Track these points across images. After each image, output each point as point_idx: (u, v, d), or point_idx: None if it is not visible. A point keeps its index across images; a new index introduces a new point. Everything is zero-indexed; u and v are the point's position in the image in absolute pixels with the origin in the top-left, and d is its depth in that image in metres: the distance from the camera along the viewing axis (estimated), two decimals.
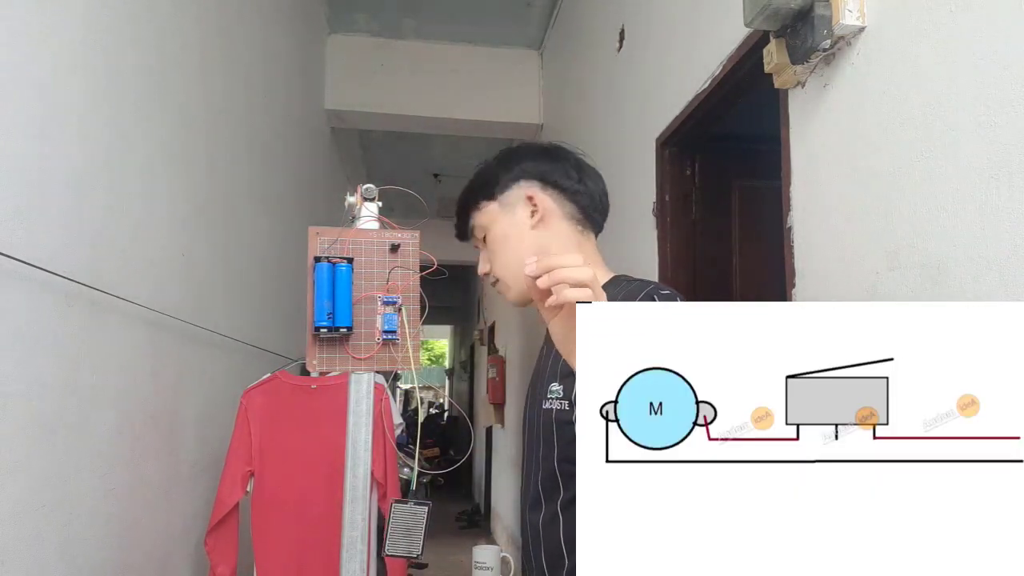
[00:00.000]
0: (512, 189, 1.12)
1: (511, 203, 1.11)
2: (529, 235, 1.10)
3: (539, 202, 1.10)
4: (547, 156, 1.15)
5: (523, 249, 1.07)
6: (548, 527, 1.01)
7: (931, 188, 1.13)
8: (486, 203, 1.12)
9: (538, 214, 1.10)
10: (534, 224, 1.10)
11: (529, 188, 1.11)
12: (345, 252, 0.86)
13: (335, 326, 0.83)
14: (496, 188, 1.12)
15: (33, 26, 1.28)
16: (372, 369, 0.86)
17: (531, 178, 1.12)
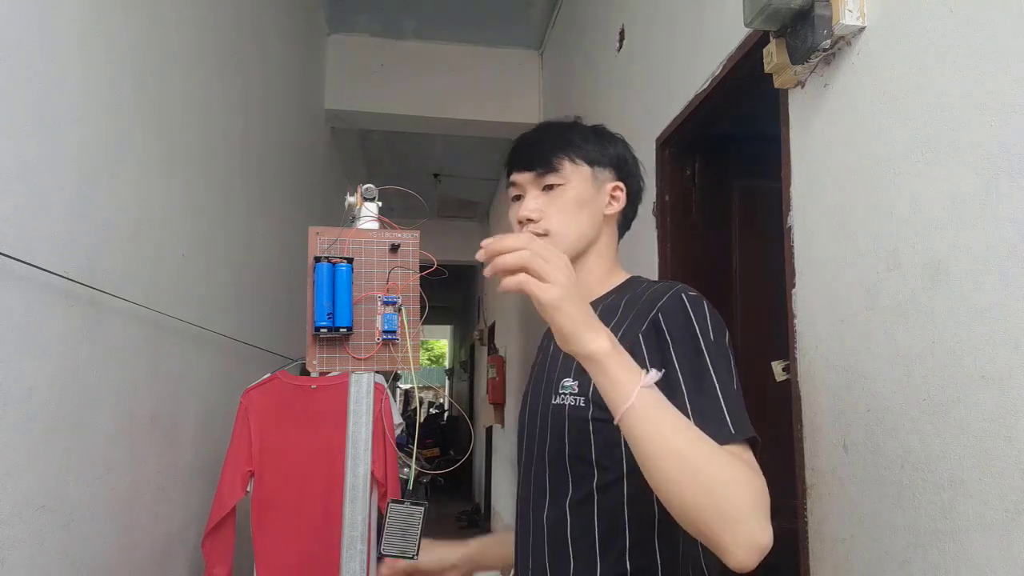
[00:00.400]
0: (607, 169, 1.10)
1: (600, 180, 1.09)
2: (597, 218, 1.08)
3: (620, 199, 1.11)
4: (634, 160, 1.15)
5: (581, 223, 1.06)
6: (555, 525, 0.99)
7: (931, 188, 1.13)
8: (582, 162, 1.08)
9: (613, 207, 1.10)
10: (607, 213, 1.10)
11: (617, 180, 1.11)
12: (345, 252, 0.86)
13: (335, 326, 0.83)
14: (598, 156, 1.09)
15: (32, 26, 1.28)
16: (372, 369, 0.86)
17: (620, 171, 1.12)
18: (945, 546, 1.08)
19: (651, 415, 0.77)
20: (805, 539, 1.45)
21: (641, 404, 0.77)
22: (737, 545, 0.75)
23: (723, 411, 0.87)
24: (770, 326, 1.67)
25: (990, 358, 1.01)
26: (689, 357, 0.91)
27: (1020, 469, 0.95)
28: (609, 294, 1.07)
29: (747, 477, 0.79)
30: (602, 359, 0.78)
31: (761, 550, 0.76)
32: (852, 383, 1.31)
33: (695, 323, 0.93)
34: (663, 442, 0.77)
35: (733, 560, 0.76)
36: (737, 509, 0.76)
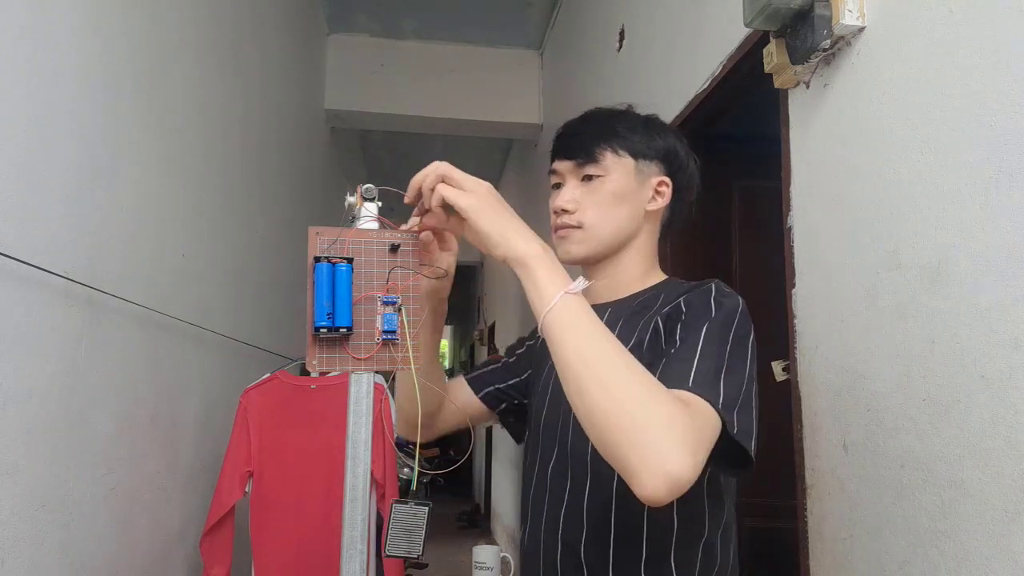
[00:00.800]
0: (653, 162, 1.04)
1: (645, 174, 1.03)
2: (638, 213, 1.03)
3: (664, 195, 1.04)
4: (690, 156, 1.08)
5: (621, 217, 1.01)
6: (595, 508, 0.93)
7: (931, 188, 1.13)
8: (625, 153, 1.02)
9: (657, 203, 1.04)
10: (650, 209, 1.04)
11: (662, 176, 1.04)
12: (345, 252, 0.86)
13: (335, 326, 0.83)
14: (644, 148, 1.03)
15: (31, 26, 1.28)
16: (372, 369, 0.86)
17: (670, 166, 1.05)
18: (945, 546, 1.08)
19: (571, 321, 0.75)
20: (805, 539, 1.45)
21: (562, 308, 0.75)
22: (644, 468, 0.68)
23: (692, 365, 0.82)
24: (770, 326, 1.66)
25: (990, 358, 1.01)
26: (692, 323, 0.88)
27: (1020, 469, 0.95)
28: (647, 290, 1.04)
29: (670, 404, 0.72)
30: (529, 261, 0.77)
31: (672, 480, 0.68)
32: (852, 383, 1.31)
33: (713, 304, 0.90)
34: (579, 349, 0.73)
35: (638, 486, 0.69)
36: (648, 429, 0.69)
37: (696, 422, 0.74)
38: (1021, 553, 0.95)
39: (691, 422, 0.73)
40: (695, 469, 0.70)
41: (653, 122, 1.07)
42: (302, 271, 0.93)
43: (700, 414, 0.77)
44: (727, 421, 0.80)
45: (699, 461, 0.71)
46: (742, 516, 2.29)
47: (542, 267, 0.77)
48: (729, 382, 0.82)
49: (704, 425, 0.76)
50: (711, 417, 0.78)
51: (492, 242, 0.79)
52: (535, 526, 1.02)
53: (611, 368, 0.73)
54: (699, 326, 0.87)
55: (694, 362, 0.82)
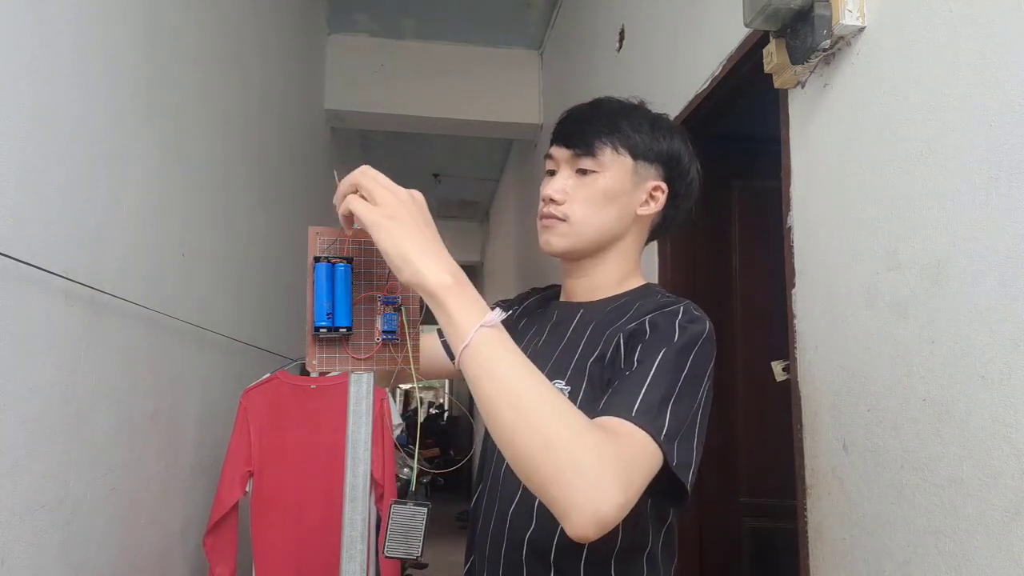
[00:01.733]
0: (652, 165, 1.00)
1: (641, 175, 0.99)
2: (627, 215, 0.99)
3: (658, 200, 1.00)
4: (694, 162, 1.05)
5: (610, 215, 0.97)
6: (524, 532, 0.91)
7: (931, 188, 1.13)
8: (625, 152, 0.98)
9: (649, 208, 1.00)
10: (640, 213, 1.00)
11: (660, 180, 1.00)
12: (345, 252, 0.86)
13: (335, 326, 0.83)
14: (645, 149, 0.99)
15: (32, 26, 1.28)
16: (372, 369, 0.86)
17: (669, 171, 1.01)
18: (945, 546, 1.08)
19: (490, 356, 0.70)
20: (805, 539, 1.45)
21: (479, 344, 0.70)
22: (573, 508, 0.66)
23: (638, 394, 0.78)
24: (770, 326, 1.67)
25: (990, 358, 1.01)
26: (651, 346, 0.85)
27: (1020, 469, 0.95)
28: (622, 295, 1.01)
29: (596, 442, 0.69)
30: (438, 292, 0.71)
31: (600, 519, 0.66)
32: (852, 383, 1.31)
33: (677, 328, 0.87)
34: (500, 385, 0.69)
35: (568, 526, 0.67)
36: (574, 470, 0.66)
37: (626, 455, 0.72)
38: (1021, 553, 0.95)
39: (620, 457, 0.70)
40: (626, 506, 0.68)
41: (661, 122, 1.02)
42: (302, 271, 0.93)
43: (633, 447, 0.74)
44: (667, 453, 0.77)
45: (630, 497, 0.69)
46: (742, 516, 2.29)
47: (453, 298, 0.71)
48: (675, 412, 0.80)
49: (637, 458, 0.73)
50: (648, 449, 0.75)
51: (394, 265, 0.72)
52: (487, 516, 1.00)
53: (534, 407, 0.69)
54: (656, 351, 0.84)
55: (641, 391, 0.79)
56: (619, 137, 0.98)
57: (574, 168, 0.99)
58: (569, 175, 0.99)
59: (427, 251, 0.72)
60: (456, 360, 0.73)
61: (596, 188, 0.97)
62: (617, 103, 1.03)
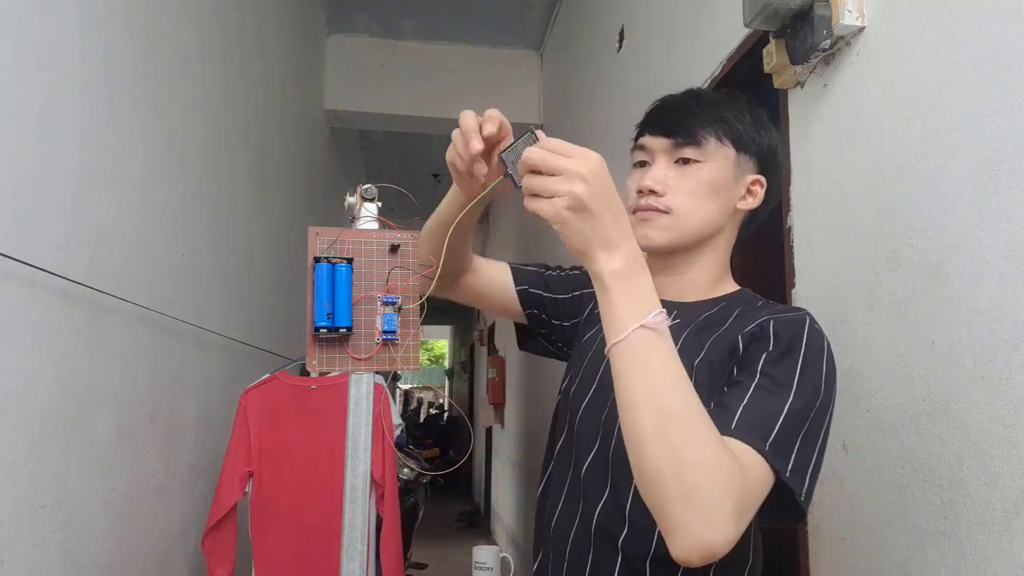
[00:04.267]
0: (752, 159, 0.95)
1: (742, 168, 0.94)
2: (728, 209, 0.94)
3: (759, 194, 0.96)
4: (782, 156, 1.02)
5: (711, 209, 0.92)
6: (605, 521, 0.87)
7: (931, 188, 1.13)
8: (729, 143, 0.93)
9: (748, 202, 0.95)
10: (740, 207, 0.95)
11: (759, 175, 0.96)
12: (345, 252, 0.86)
13: (335, 326, 0.83)
14: (748, 141, 0.94)
15: (32, 26, 1.28)
16: (372, 369, 0.86)
17: (766, 165, 0.97)
18: (945, 546, 1.08)
19: (641, 359, 0.68)
20: (805, 539, 1.45)
21: (634, 343, 0.68)
22: (685, 532, 0.65)
23: (774, 423, 0.75)
24: None
25: (990, 358, 1.01)
26: (780, 362, 0.80)
27: (1020, 469, 0.95)
28: (719, 299, 0.96)
29: (729, 467, 0.67)
30: (607, 281, 0.69)
31: (707, 549, 0.65)
32: (852, 383, 1.31)
33: (805, 344, 0.81)
34: (645, 392, 0.68)
35: (674, 547, 0.66)
36: (698, 493, 0.65)
37: (749, 489, 0.70)
38: (1021, 553, 0.95)
39: (743, 492, 0.69)
40: (734, 540, 0.67)
41: (760, 115, 0.97)
42: (302, 271, 0.93)
43: (759, 482, 0.72)
44: (795, 488, 0.75)
45: (740, 529, 0.68)
46: None
47: (619, 290, 0.69)
48: (807, 443, 0.77)
49: (758, 494, 0.72)
50: (768, 482, 0.73)
51: (577, 253, 0.70)
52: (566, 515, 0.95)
53: (676, 422, 0.67)
54: (790, 369, 0.79)
55: (779, 420, 0.75)
56: (723, 127, 0.93)
57: (673, 159, 0.93)
58: (667, 165, 0.93)
59: (605, 240, 0.69)
60: (607, 349, 0.70)
61: (701, 179, 0.92)
62: (715, 93, 0.99)
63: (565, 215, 0.68)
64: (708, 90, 1.01)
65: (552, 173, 0.68)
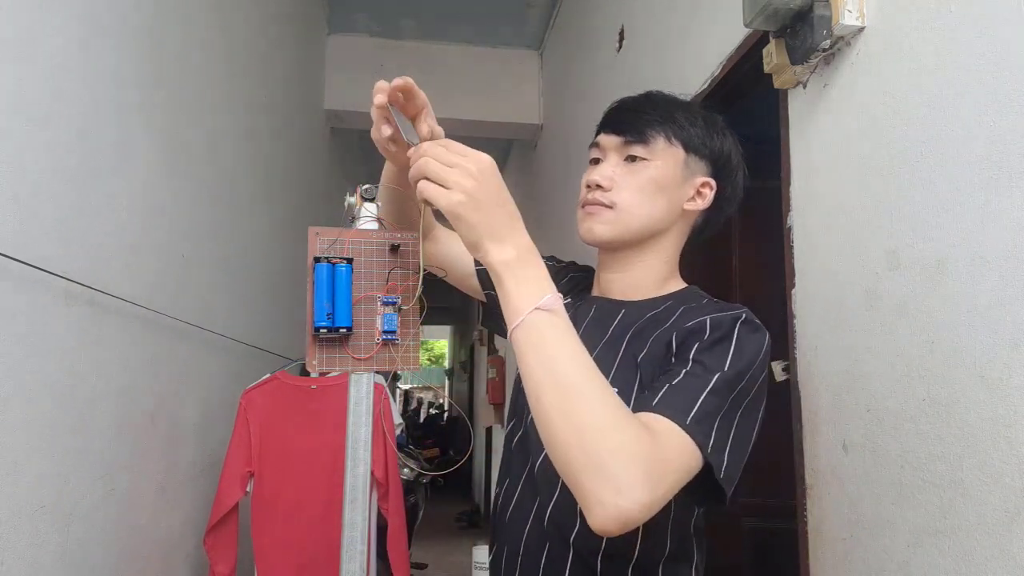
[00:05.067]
0: (703, 161, 0.98)
1: (691, 169, 0.97)
2: (674, 209, 0.96)
3: (707, 196, 0.98)
4: (741, 166, 1.03)
5: (658, 207, 0.95)
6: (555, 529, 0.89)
7: (931, 188, 1.13)
8: (678, 143, 0.96)
9: (696, 203, 0.97)
10: (687, 208, 0.97)
11: (709, 177, 0.98)
12: (345, 252, 0.86)
13: (335, 326, 0.83)
14: (699, 143, 0.97)
15: (34, 26, 1.28)
16: (372, 369, 0.86)
17: (718, 169, 0.99)
18: (945, 546, 1.08)
19: (537, 338, 0.71)
20: (805, 539, 1.45)
21: (529, 326, 0.70)
22: (598, 501, 0.65)
23: (695, 401, 0.76)
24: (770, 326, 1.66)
25: (990, 358, 1.01)
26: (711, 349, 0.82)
27: (1019, 469, 0.95)
28: (665, 297, 0.97)
29: (635, 436, 0.68)
30: (499, 271, 0.72)
31: (622, 515, 0.65)
32: (852, 383, 1.31)
33: (736, 335, 0.84)
34: (542, 368, 0.70)
35: (591, 518, 0.67)
36: (606, 462, 0.66)
37: (661, 456, 0.70)
38: (1021, 553, 0.95)
39: (655, 457, 0.69)
40: (651, 506, 0.67)
41: (714, 122, 1.00)
42: (302, 271, 0.93)
43: (673, 450, 0.73)
44: (715, 464, 0.76)
45: (658, 497, 0.68)
46: (742, 516, 2.29)
47: (511, 277, 0.72)
48: (724, 425, 0.78)
49: (673, 462, 0.72)
50: (688, 455, 0.74)
51: (469, 246, 0.74)
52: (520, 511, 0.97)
53: (576, 394, 0.69)
54: (719, 357, 0.82)
55: (700, 398, 0.77)
56: (673, 127, 0.96)
57: (623, 156, 0.96)
58: (617, 163, 0.97)
59: (494, 232, 0.73)
60: (508, 335, 0.73)
61: (646, 176, 0.95)
62: (671, 96, 1.01)
63: (459, 210, 0.72)
64: (665, 93, 1.02)
65: (448, 165, 0.73)
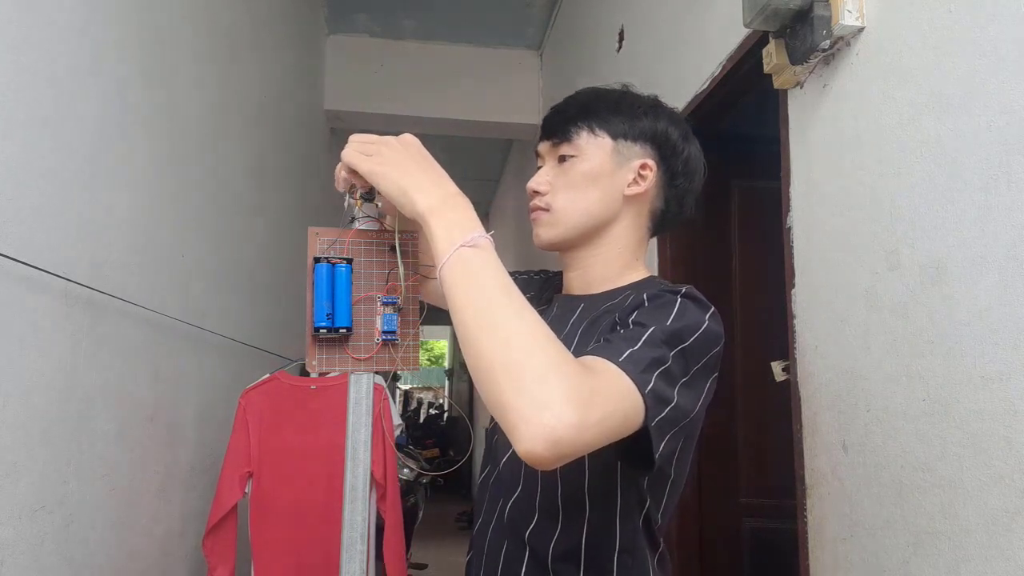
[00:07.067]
0: (637, 145, 0.96)
1: (624, 155, 0.95)
2: (613, 197, 0.95)
3: (647, 178, 0.96)
4: (686, 138, 0.99)
5: (595, 201, 0.94)
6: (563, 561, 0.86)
7: (931, 188, 1.13)
8: (603, 133, 0.95)
9: (637, 187, 0.95)
10: (628, 193, 0.95)
11: (649, 158, 0.96)
12: (344, 253, 0.86)
13: (334, 327, 0.83)
14: (626, 128, 0.96)
15: (31, 27, 1.28)
16: (372, 370, 0.86)
17: (657, 148, 0.97)
18: (945, 546, 1.08)
19: (462, 271, 0.71)
20: (805, 539, 1.45)
21: (455, 260, 0.71)
22: (522, 420, 0.62)
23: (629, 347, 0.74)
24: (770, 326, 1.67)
25: (990, 358, 1.01)
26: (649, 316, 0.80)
27: (1020, 470, 0.95)
28: (626, 288, 0.95)
29: (563, 358, 0.66)
30: (425, 216, 0.75)
31: (549, 434, 0.62)
32: (852, 383, 1.31)
33: (679, 302, 0.82)
34: (466, 296, 0.70)
35: (517, 442, 0.63)
36: (529, 375, 0.64)
37: (591, 383, 0.67)
38: (1021, 554, 0.95)
39: (583, 381, 0.66)
40: (580, 427, 0.63)
41: (642, 102, 0.99)
42: (302, 271, 0.93)
43: (605, 380, 0.70)
44: (648, 407, 0.72)
45: (587, 422, 0.64)
46: (742, 516, 2.29)
47: (437, 219, 0.74)
48: (666, 377, 0.75)
49: (604, 390, 0.69)
50: (622, 389, 0.71)
51: (398, 203, 0.77)
52: (489, 511, 0.97)
53: (502, 317, 0.68)
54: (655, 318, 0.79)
55: (636, 345, 0.75)
56: (594, 119, 0.96)
57: (556, 159, 0.98)
58: (552, 166, 0.98)
59: (418, 183, 0.77)
60: (436, 277, 0.74)
61: (576, 172, 0.95)
62: (595, 90, 1.01)
63: (379, 167, 0.78)
64: (593, 89, 1.02)
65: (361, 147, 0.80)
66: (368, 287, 0.87)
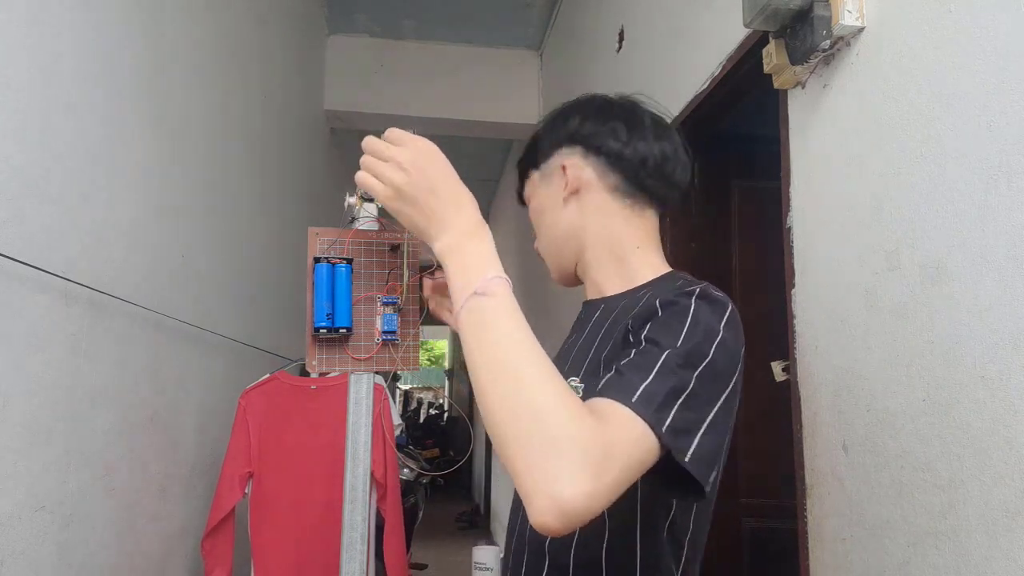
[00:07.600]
0: (553, 157, 0.97)
1: (549, 173, 0.97)
2: (561, 211, 0.95)
3: (571, 172, 0.94)
4: (598, 115, 0.96)
5: (554, 227, 0.97)
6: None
7: (931, 188, 1.13)
8: (530, 173, 1.00)
9: (569, 187, 0.94)
10: (565, 197, 0.95)
11: (569, 156, 0.95)
12: (344, 253, 0.86)
13: (335, 327, 0.83)
14: (539, 155, 0.99)
15: (32, 27, 1.28)
16: (372, 370, 0.86)
17: (573, 143, 0.96)
18: (945, 546, 1.08)
19: (476, 324, 0.69)
20: (805, 539, 1.45)
21: (467, 312, 0.70)
22: (535, 491, 0.60)
23: (642, 381, 0.69)
24: (770, 326, 1.67)
25: (990, 358, 1.01)
26: (663, 330, 0.75)
27: (1020, 470, 0.95)
28: (643, 287, 0.91)
29: (573, 412, 0.63)
30: (442, 259, 0.74)
31: (561, 506, 0.59)
32: (852, 383, 1.31)
33: (693, 308, 0.77)
34: (480, 352, 0.68)
35: (528, 509, 0.61)
36: (541, 447, 0.61)
37: (605, 439, 0.64)
38: (1021, 554, 0.95)
39: (596, 439, 0.63)
40: (595, 495, 0.60)
41: (552, 116, 1.00)
42: (302, 272, 0.93)
43: (619, 431, 0.66)
44: (675, 448, 0.68)
45: (604, 486, 0.61)
46: (742, 516, 2.29)
47: (451, 262, 0.74)
48: (688, 406, 0.71)
49: (619, 444, 0.65)
50: (637, 437, 0.67)
51: (419, 237, 0.77)
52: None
53: (512, 377, 0.66)
54: (670, 334, 0.75)
55: (648, 377, 0.70)
56: (521, 166, 1.02)
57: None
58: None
59: (431, 221, 0.75)
60: (454, 325, 0.77)
61: (533, 217, 1.01)
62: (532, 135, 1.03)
63: (392, 204, 0.76)
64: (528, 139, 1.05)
65: (383, 160, 0.76)
66: (368, 287, 0.87)
